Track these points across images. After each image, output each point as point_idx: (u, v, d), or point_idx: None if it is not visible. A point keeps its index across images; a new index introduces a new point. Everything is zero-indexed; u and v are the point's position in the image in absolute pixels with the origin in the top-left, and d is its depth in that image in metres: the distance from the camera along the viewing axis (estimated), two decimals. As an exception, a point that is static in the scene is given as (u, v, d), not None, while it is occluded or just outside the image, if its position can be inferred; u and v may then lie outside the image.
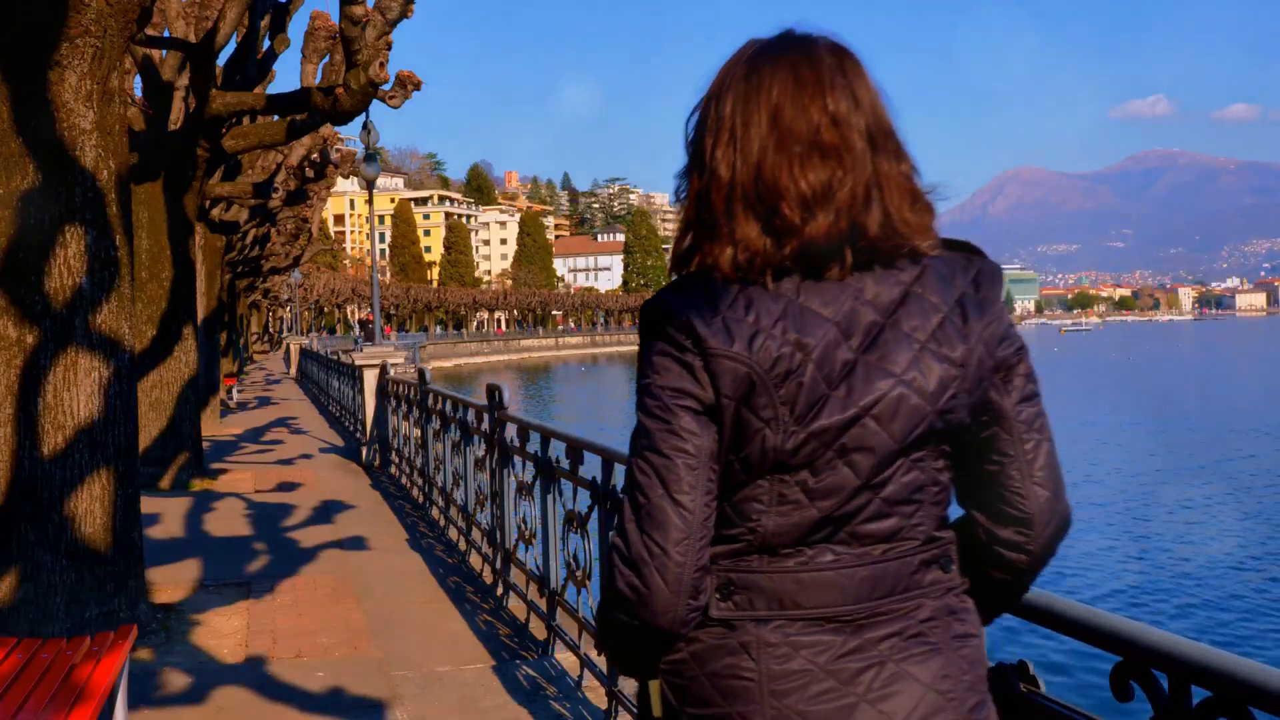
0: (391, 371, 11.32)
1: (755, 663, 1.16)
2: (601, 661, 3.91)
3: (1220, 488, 19.46)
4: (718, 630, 1.19)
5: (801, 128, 1.17)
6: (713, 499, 1.16)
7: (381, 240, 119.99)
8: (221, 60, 10.03)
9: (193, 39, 10.01)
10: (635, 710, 1.25)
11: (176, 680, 4.25)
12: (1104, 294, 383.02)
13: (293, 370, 36.32)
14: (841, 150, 1.17)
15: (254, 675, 4.32)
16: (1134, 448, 25.87)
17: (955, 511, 1.29)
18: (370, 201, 15.71)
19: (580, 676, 4.16)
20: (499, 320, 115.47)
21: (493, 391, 5.65)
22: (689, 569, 1.15)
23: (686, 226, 1.23)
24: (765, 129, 1.18)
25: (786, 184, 1.16)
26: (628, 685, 3.70)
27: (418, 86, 8.60)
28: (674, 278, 1.23)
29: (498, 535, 5.69)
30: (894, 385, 1.15)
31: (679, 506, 1.15)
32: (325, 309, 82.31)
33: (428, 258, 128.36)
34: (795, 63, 1.19)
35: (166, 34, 10.44)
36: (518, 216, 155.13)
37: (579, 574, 4.14)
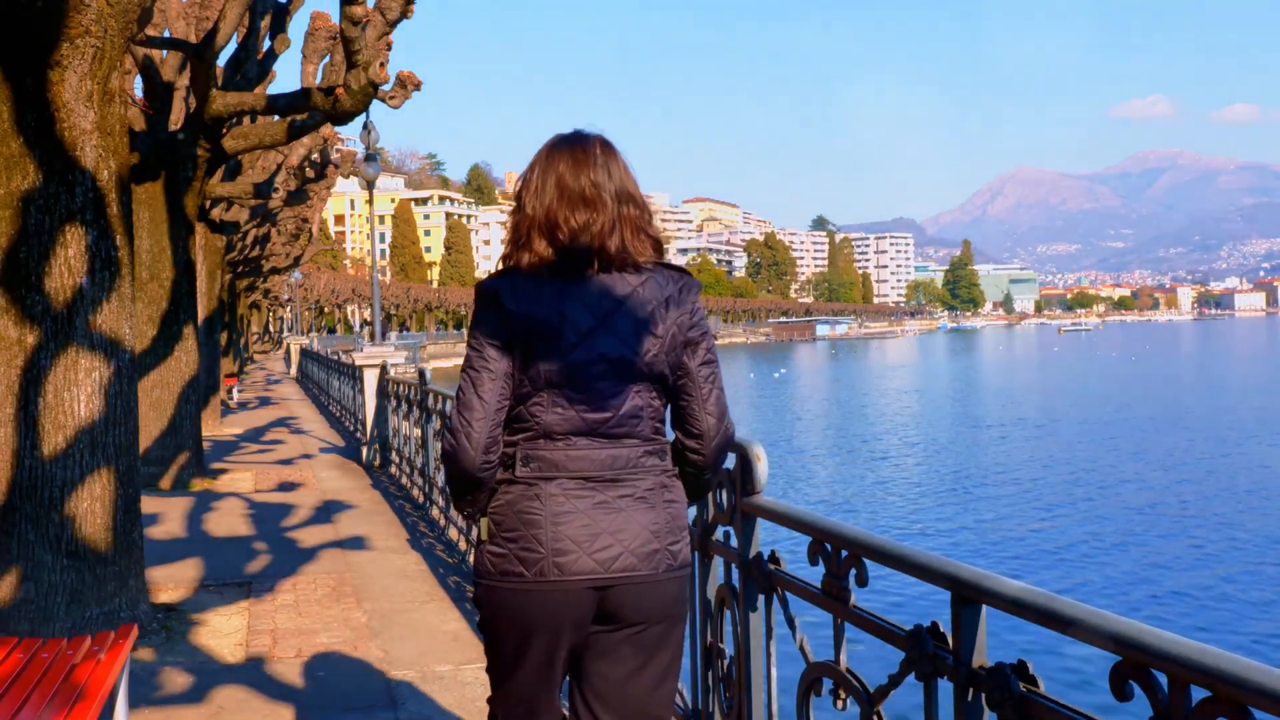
0: (392, 371, 11.31)
1: (543, 505, 1.92)
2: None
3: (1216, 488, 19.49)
4: (521, 487, 1.95)
5: (574, 188, 1.95)
6: (504, 399, 1.95)
7: (381, 240, 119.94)
8: (222, 60, 10.03)
9: (193, 39, 10.01)
10: (474, 542, 1.97)
11: (177, 680, 4.26)
12: (1104, 294, 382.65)
13: (293, 370, 36.31)
14: (597, 203, 1.95)
15: (254, 675, 4.32)
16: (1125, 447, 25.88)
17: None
18: (370, 201, 15.71)
19: (580, 676, 4.16)
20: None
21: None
22: (483, 437, 1.93)
23: (508, 243, 2.02)
24: (553, 188, 1.96)
25: (562, 220, 1.94)
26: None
27: (418, 86, 8.59)
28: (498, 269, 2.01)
29: (498, 535, 5.67)
30: (618, 345, 1.93)
31: (481, 400, 1.93)
32: (325, 309, 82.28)
33: (428, 258, 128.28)
34: (574, 151, 1.99)
35: (166, 34, 10.45)
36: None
37: (579, 574, 4.14)
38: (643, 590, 1.95)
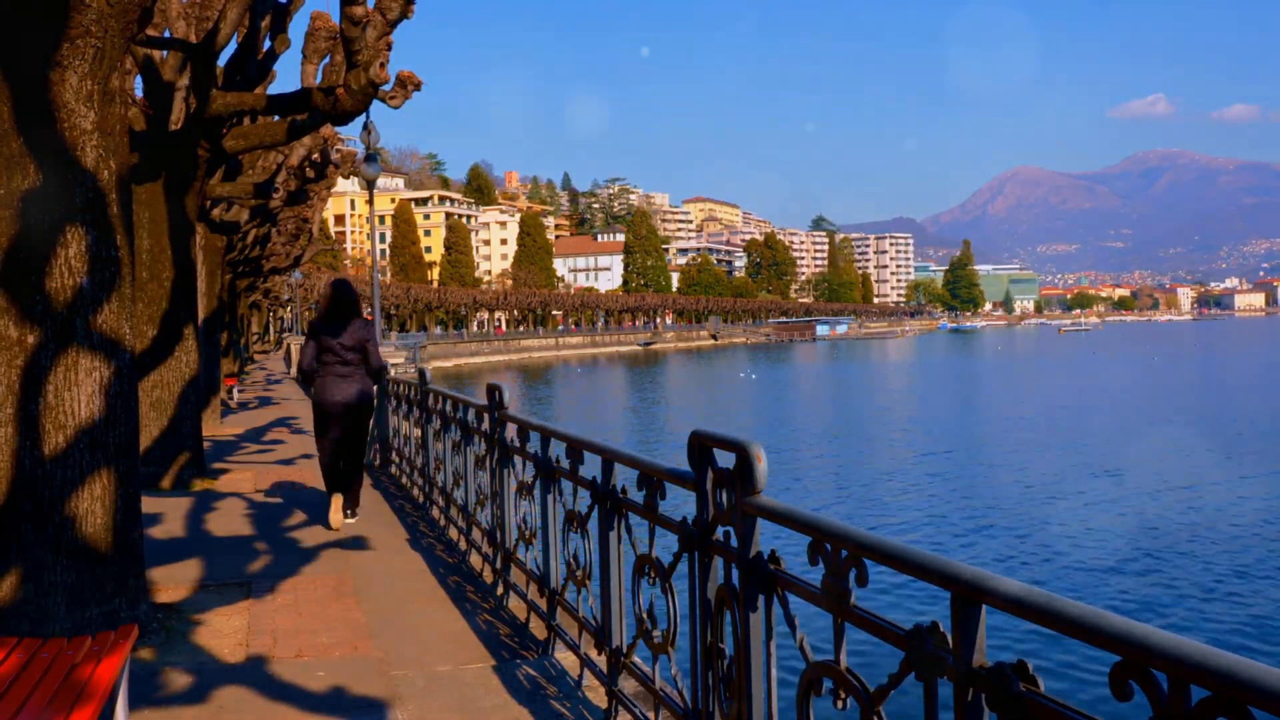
0: (392, 372, 11.31)
1: (325, 384, 7.77)
2: (602, 661, 3.91)
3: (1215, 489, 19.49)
4: (320, 380, 7.81)
5: (337, 292, 7.94)
6: (316, 353, 7.79)
7: (382, 240, 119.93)
8: (222, 60, 10.02)
9: (193, 39, 10.01)
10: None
11: (177, 680, 4.26)
12: (1103, 294, 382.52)
13: (293, 370, 36.28)
14: (344, 298, 7.89)
15: (254, 675, 4.32)
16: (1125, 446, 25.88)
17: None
18: (370, 201, 15.72)
19: (580, 676, 4.16)
20: (499, 320, 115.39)
21: (493, 391, 5.66)
22: (308, 362, 7.83)
23: (318, 308, 8.47)
24: (330, 291, 7.94)
25: (335, 300, 7.87)
26: (628, 685, 3.70)
27: (418, 87, 8.58)
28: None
29: (498, 535, 5.69)
30: (347, 340, 7.77)
31: (306, 352, 7.83)
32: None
33: (428, 258, 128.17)
34: (337, 281, 8.08)
35: (167, 34, 10.44)
36: (518, 216, 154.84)
37: (579, 574, 4.14)
38: (354, 408, 7.76)
